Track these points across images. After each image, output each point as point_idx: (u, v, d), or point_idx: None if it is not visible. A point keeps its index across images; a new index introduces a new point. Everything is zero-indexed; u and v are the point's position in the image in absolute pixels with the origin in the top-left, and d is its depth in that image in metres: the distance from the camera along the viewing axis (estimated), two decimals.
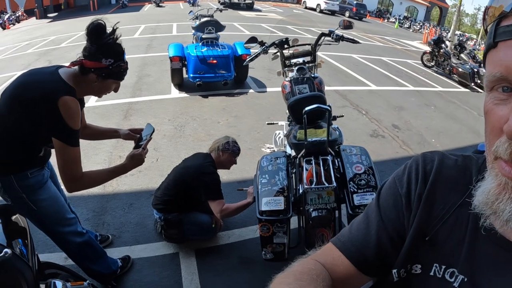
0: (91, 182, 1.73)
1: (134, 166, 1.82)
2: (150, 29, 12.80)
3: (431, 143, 4.91)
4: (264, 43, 3.53)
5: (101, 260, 2.22)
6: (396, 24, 25.18)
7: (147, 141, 1.89)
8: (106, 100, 5.45)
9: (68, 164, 1.60)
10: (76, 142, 1.62)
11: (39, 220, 1.89)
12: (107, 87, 1.73)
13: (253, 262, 2.63)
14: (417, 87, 7.84)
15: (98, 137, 2.24)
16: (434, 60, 9.86)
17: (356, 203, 2.14)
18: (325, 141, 2.23)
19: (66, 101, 1.53)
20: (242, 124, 4.99)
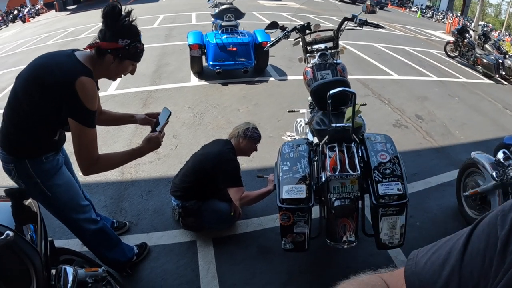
0: (107, 165, 1.71)
1: (150, 150, 1.78)
2: (169, 19, 12.76)
3: (455, 134, 4.74)
4: (285, 28, 3.40)
5: (117, 247, 2.18)
6: (418, 14, 24.40)
7: (164, 125, 1.84)
8: (125, 88, 5.46)
9: (85, 146, 1.58)
10: (93, 123, 1.60)
11: (53, 206, 1.86)
12: (124, 69, 1.70)
13: (272, 252, 2.55)
14: (440, 77, 7.56)
15: (115, 122, 2.22)
16: (457, 50, 9.48)
17: (381, 193, 2.03)
18: (349, 127, 2.11)
19: (83, 82, 1.51)
20: (263, 112, 4.89)
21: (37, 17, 20.46)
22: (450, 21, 17.02)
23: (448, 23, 17.07)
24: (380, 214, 2.04)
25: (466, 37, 9.10)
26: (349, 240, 2.16)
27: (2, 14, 20.91)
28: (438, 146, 4.35)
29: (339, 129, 2.11)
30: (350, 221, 2.15)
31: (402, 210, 2.03)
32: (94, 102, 1.57)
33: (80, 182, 2.26)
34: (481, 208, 2.81)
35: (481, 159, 2.71)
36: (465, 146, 4.40)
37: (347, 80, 2.43)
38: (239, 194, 2.39)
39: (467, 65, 9.03)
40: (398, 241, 2.11)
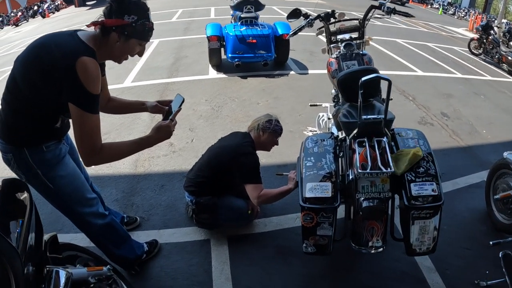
0: (111, 155, 1.55)
1: (160, 139, 1.61)
2: (188, 13, 12.70)
3: (482, 134, 4.53)
4: (308, 16, 3.20)
5: (125, 244, 2.05)
6: (440, 10, 23.96)
7: (176, 112, 1.66)
8: (142, 80, 5.37)
9: (86, 134, 1.43)
10: (95, 108, 1.44)
11: (56, 199, 1.73)
12: (130, 49, 1.54)
13: (291, 253, 2.38)
14: (465, 74, 7.32)
15: (124, 110, 2.04)
16: (482, 48, 9.22)
17: (414, 194, 1.83)
18: (381, 120, 1.90)
19: (84, 62, 1.36)
20: (283, 106, 4.71)
21: (56, 12, 20.84)
22: (472, 18, 16.54)
23: (471, 20, 16.65)
24: (412, 217, 1.84)
25: (491, 34, 8.87)
26: (376, 245, 1.97)
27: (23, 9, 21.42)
28: (465, 146, 4.15)
29: (369, 121, 1.89)
30: (379, 224, 1.95)
31: (436, 213, 1.84)
32: (96, 85, 1.42)
33: (90, 174, 2.14)
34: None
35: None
36: (493, 146, 4.20)
37: (377, 70, 2.21)
38: (257, 192, 2.21)
39: (492, 63, 8.80)
40: (429, 247, 1.92)
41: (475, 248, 2.51)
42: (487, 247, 2.47)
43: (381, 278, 2.24)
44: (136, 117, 4.05)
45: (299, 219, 2.66)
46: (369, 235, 1.96)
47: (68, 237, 2.39)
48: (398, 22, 14.03)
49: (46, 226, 2.47)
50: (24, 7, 22.07)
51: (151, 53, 6.79)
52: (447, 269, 2.31)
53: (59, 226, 2.49)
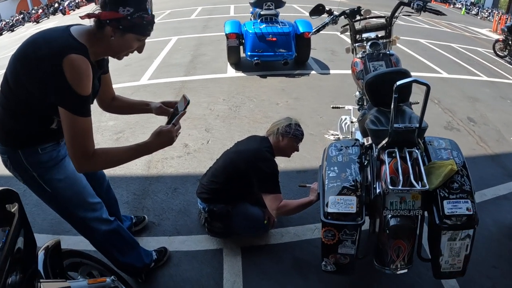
0: (105, 162, 1.42)
1: (160, 146, 1.47)
2: (207, 10, 12.64)
3: (509, 141, 4.28)
4: (332, 12, 3.01)
5: (133, 251, 1.94)
6: (462, 10, 23.47)
7: (179, 116, 1.50)
8: (158, 78, 5.28)
9: (76, 137, 1.31)
10: (84, 111, 1.32)
11: (55, 203, 1.64)
12: (127, 45, 1.39)
13: (309, 266, 2.23)
14: (490, 77, 7.02)
15: (128, 110, 1.91)
16: (507, 49, 8.87)
17: (447, 212, 1.64)
18: (415, 128, 1.71)
19: (72, 60, 1.24)
20: (303, 107, 4.53)
21: (77, 10, 21.20)
22: (496, 19, 16.03)
23: (494, 20, 16.14)
24: (443, 238, 1.66)
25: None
26: (401, 266, 1.79)
27: (43, 6, 21.90)
28: (493, 154, 3.92)
29: (401, 130, 1.71)
30: (406, 243, 1.76)
31: (470, 234, 1.66)
32: (85, 85, 1.29)
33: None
34: None
35: None
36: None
37: (409, 72, 2.02)
38: (277, 203, 2.06)
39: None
40: (458, 270, 1.74)
41: (502, 266, 2.34)
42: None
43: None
44: (151, 116, 3.90)
45: (317, 230, 2.54)
46: (395, 255, 1.78)
47: (76, 239, 2.29)
48: (421, 22, 13.61)
49: (53, 227, 2.44)
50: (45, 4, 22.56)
51: (169, 50, 6.72)
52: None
53: (67, 228, 2.38)
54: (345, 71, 6.01)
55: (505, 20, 14.81)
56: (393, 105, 1.59)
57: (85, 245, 2.22)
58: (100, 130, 3.81)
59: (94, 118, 1.41)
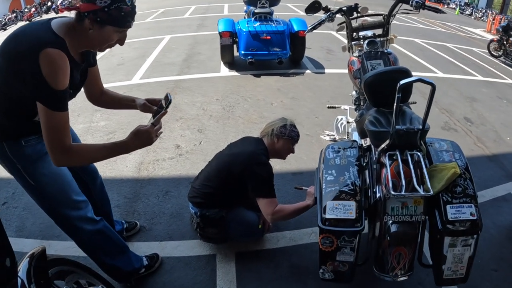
0: (80, 158, 1.41)
1: (139, 146, 1.43)
2: (201, 9, 12.53)
3: (507, 142, 4.27)
4: (329, 9, 2.94)
5: (122, 255, 1.87)
6: (456, 11, 23.55)
7: (160, 115, 1.43)
8: (151, 77, 5.18)
9: (52, 131, 1.30)
10: (60, 106, 1.30)
11: (39, 198, 1.61)
12: (106, 37, 1.35)
13: (307, 272, 2.15)
14: (486, 77, 7.04)
15: (116, 105, 1.87)
16: (502, 50, 8.90)
17: (451, 218, 1.57)
18: (418, 130, 1.64)
19: (48, 54, 1.23)
20: (299, 107, 4.46)
21: None
22: (490, 19, 16.15)
23: (489, 20, 16.23)
24: (446, 244, 1.60)
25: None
26: (402, 273, 1.73)
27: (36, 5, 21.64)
28: (491, 154, 3.90)
29: (402, 132, 1.63)
30: (407, 250, 1.69)
31: (473, 240, 1.60)
32: (61, 80, 1.27)
33: None
34: None
35: None
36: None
37: (410, 71, 1.95)
38: (272, 208, 1.97)
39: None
40: (461, 276, 1.68)
41: (502, 269, 2.30)
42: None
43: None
44: (144, 116, 3.79)
45: (314, 234, 2.46)
46: (395, 262, 1.71)
47: (66, 245, 2.21)
48: (415, 22, 13.62)
49: (43, 232, 2.34)
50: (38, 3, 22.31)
51: (162, 49, 6.60)
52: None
53: (56, 232, 2.31)
54: (341, 70, 5.95)
55: (500, 21, 14.90)
56: (396, 106, 1.51)
57: (75, 250, 2.14)
58: (91, 131, 3.71)
59: (85, 118, 1.36)
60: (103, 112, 4.02)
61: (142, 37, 7.17)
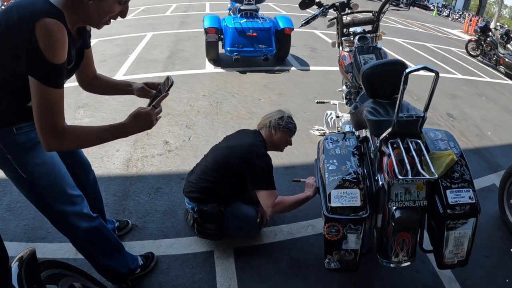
0: (76, 140, 1.27)
1: (138, 129, 1.32)
2: (183, 7, 12.37)
3: (488, 136, 4.45)
4: (322, 4, 2.94)
5: (117, 254, 1.77)
6: (434, 12, 24.21)
7: (161, 97, 1.35)
8: (135, 74, 5.06)
9: (45, 111, 1.17)
10: (56, 81, 1.18)
11: (30, 192, 1.49)
12: (106, 8, 1.23)
13: (306, 266, 2.14)
14: (465, 75, 7.30)
15: (110, 90, 1.75)
16: (479, 49, 9.22)
17: (451, 202, 1.61)
18: (420, 118, 1.65)
19: (45, 25, 1.10)
20: (287, 103, 4.44)
21: None
22: (467, 20, 16.72)
23: (466, 22, 16.79)
24: (447, 228, 1.62)
25: (489, 36, 8.88)
26: (405, 259, 1.74)
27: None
28: (474, 148, 4.05)
29: (406, 120, 1.64)
30: (411, 235, 1.70)
31: (473, 222, 1.64)
32: (59, 52, 1.15)
33: None
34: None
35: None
36: (500, 149, 4.13)
37: (405, 63, 1.96)
38: (272, 200, 1.93)
39: (489, 65, 8.86)
40: (462, 259, 1.72)
41: (493, 256, 2.40)
42: (505, 253, 2.42)
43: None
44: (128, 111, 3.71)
45: (311, 227, 2.44)
46: (399, 248, 1.71)
47: (53, 247, 2.10)
48: (395, 22, 13.92)
49: (28, 234, 2.21)
50: None
51: (144, 46, 6.46)
52: (467, 279, 2.17)
53: (42, 234, 2.20)
54: (325, 67, 6.00)
55: (476, 22, 15.43)
56: (400, 95, 1.51)
57: (63, 252, 2.04)
58: None
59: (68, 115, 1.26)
60: (87, 109, 3.89)
61: (124, 34, 6.99)
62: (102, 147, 3.07)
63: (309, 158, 3.26)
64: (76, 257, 1.90)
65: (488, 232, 2.61)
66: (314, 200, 2.08)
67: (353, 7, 3.12)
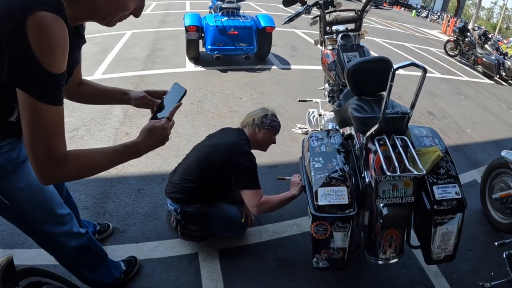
0: (82, 168, 0.99)
1: (152, 146, 1.11)
2: (163, 5, 12.17)
3: (468, 133, 4.59)
4: (305, 2, 2.93)
5: (102, 265, 1.68)
6: (413, 13, 24.81)
7: (174, 108, 1.16)
8: (114, 72, 4.92)
9: (41, 134, 0.90)
10: (54, 96, 0.91)
11: (16, 219, 1.32)
12: (121, 4, 0.99)
13: (293, 265, 2.11)
14: (444, 74, 7.50)
15: (98, 99, 1.46)
16: (458, 49, 9.50)
17: (438, 197, 1.63)
18: (406, 114, 1.65)
19: (41, 20, 0.83)
20: (269, 101, 4.41)
21: None
22: (446, 21, 17.18)
23: (444, 23, 17.25)
24: (435, 223, 1.64)
25: (467, 36, 9.14)
26: (394, 256, 1.74)
27: None
28: (454, 145, 4.14)
29: (392, 117, 1.63)
30: (399, 232, 1.71)
31: (460, 217, 1.67)
32: (58, 58, 0.88)
33: None
34: (511, 212, 2.56)
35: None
36: (480, 145, 4.27)
37: (390, 60, 1.96)
38: (257, 200, 1.88)
39: (467, 64, 9.12)
40: (449, 254, 1.74)
41: (477, 249, 2.46)
42: (489, 247, 2.47)
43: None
44: (108, 112, 3.61)
45: (296, 226, 2.42)
46: (387, 245, 1.71)
47: (32, 253, 1.99)
48: (374, 22, 14.13)
49: (4, 240, 2.08)
50: None
51: (124, 44, 6.30)
52: (453, 272, 2.21)
53: (20, 239, 2.07)
54: (306, 66, 6.01)
55: (455, 23, 15.87)
56: (388, 92, 1.49)
57: (42, 259, 1.94)
58: None
59: None
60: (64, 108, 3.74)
61: (103, 32, 6.78)
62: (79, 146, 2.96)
63: (292, 156, 3.25)
64: (56, 263, 1.81)
65: (471, 226, 2.66)
66: (299, 199, 2.05)
67: (337, 6, 3.13)
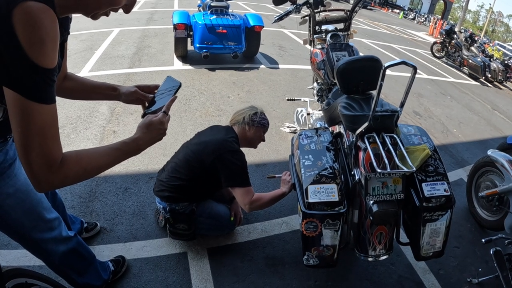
0: (82, 171, 0.90)
1: (151, 141, 1.05)
2: (151, 3, 12.03)
3: (453, 133, 4.67)
4: (295, 1, 2.93)
5: (90, 268, 1.64)
6: (400, 15, 25.13)
7: (170, 102, 1.12)
8: (100, 70, 4.83)
9: (34, 137, 0.81)
10: (46, 94, 0.82)
11: (4, 226, 1.28)
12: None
13: (283, 263, 2.11)
14: (430, 75, 7.62)
15: (85, 94, 1.37)
16: (444, 51, 9.66)
17: (427, 194, 1.66)
18: (395, 112, 1.67)
19: (29, 11, 0.75)
20: (256, 100, 4.41)
21: None
22: (432, 24, 17.45)
23: (431, 25, 17.50)
24: (424, 220, 1.67)
25: (454, 38, 9.29)
26: (383, 252, 1.76)
27: None
28: (440, 144, 4.21)
29: (382, 115, 1.64)
30: (388, 228, 1.73)
31: (448, 214, 1.70)
32: (49, 51, 0.79)
33: None
34: (497, 210, 2.63)
35: (500, 158, 2.49)
36: (465, 145, 4.35)
37: (380, 59, 1.98)
38: (249, 197, 1.87)
39: (453, 66, 9.28)
40: (438, 250, 1.77)
41: (463, 246, 2.50)
42: (475, 244, 2.53)
43: (381, 285, 2.08)
44: (94, 110, 3.55)
45: (285, 224, 2.42)
46: (377, 242, 1.72)
47: (17, 254, 1.94)
48: (362, 23, 14.27)
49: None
50: None
51: (111, 42, 6.20)
52: (440, 269, 2.25)
53: (5, 240, 2.02)
54: (294, 66, 6.03)
55: (442, 25, 16.13)
56: (378, 90, 1.50)
57: (28, 259, 1.89)
58: None
59: None
60: None
61: (89, 29, 6.66)
62: (65, 144, 2.90)
63: (279, 155, 3.25)
64: (42, 264, 1.77)
65: (458, 223, 2.72)
66: (287, 197, 2.06)
67: (326, 5, 3.14)
